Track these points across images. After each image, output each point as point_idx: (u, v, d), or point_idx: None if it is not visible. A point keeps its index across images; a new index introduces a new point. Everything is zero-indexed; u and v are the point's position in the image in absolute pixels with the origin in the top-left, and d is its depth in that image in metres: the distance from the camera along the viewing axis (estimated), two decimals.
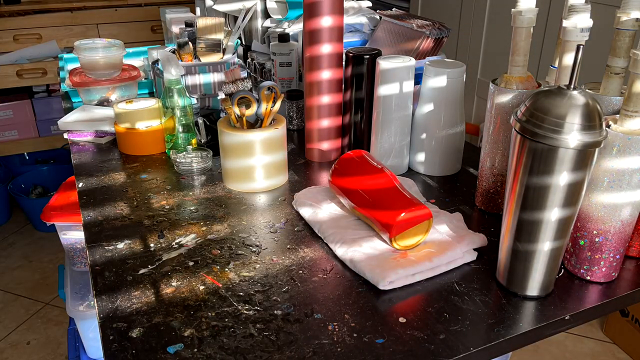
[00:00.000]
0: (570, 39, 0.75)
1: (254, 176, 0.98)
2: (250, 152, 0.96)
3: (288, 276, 0.76)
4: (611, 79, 0.75)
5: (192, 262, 0.79)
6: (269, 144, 0.97)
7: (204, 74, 1.28)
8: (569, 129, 0.61)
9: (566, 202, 0.65)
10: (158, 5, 2.70)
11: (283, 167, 1.02)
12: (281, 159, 1.00)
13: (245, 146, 0.96)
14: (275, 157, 0.98)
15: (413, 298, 0.72)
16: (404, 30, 1.21)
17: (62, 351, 1.91)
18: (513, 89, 0.83)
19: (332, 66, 1.04)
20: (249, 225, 0.89)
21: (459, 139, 1.05)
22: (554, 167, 0.63)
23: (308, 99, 1.08)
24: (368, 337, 0.65)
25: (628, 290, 0.75)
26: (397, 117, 1.01)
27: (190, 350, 0.64)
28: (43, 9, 2.61)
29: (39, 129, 2.73)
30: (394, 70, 0.97)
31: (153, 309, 0.70)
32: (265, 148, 0.96)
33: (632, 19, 0.71)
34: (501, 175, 0.89)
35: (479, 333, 0.66)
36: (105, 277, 0.76)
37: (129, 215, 0.92)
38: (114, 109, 1.14)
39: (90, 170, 1.08)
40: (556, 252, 0.69)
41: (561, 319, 0.70)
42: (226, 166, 1.00)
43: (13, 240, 2.54)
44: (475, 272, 0.78)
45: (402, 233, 0.77)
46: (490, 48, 2.25)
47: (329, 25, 1.00)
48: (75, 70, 1.38)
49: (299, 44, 1.30)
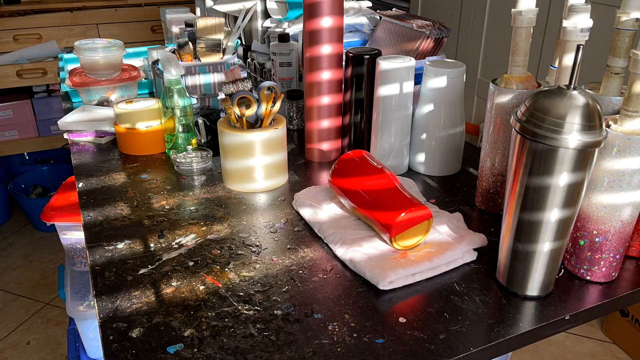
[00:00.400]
0: (570, 39, 0.75)
1: (254, 176, 0.98)
2: (250, 152, 0.96)
3: (288, 276, 0.76)
4: (611, 79, 0.75)
5: (192, 262, 0.79)
6: (269, 144, 0.97)
7: (204, 74, 1.29)
8: (569, 129, 0.61)
9: (566, 202, 0.65)
10: (158, 5, 2.70)
11: (283, 167, 1.02)
12: (281, 159, 1.00)
13: (245, 146, 0.96)
14: (275, 158, 0.98)
15: (413, 298, 0.72)
16: (404, 30, 1.21)
17: (62, 351, 1.91)
18: (513, 89, 0.83)
19: (332, 67, 1.04)
20: (249, 225, 0.89)
21: (459, 139, 1.05)
22: (554, 167, 0.63)
23: (308, 99, 1.08)
24: (368, 337, 0.65)
25: (628, 290, 0.75)
26: (397, 117, 1.01)
27: (190, 350, 0.64)
28: (43, 9, 2.61)
29: (39, 129, 2.73)
30: (393, 71, 0.97)
31: (153, 309, 0.70)
32: (265, 148, 0.96)
33: (632, 19, 0.71)
34: (501, 175, 0.89)
35: (479, 333, 0.66)
36: (105, 277, 0.76)
37: (129, 215, 0.92)
38: (114, 109, 1.14)
39: (90, 170, 1.08)
40: (556, 252, 0.69)
41: (561, 319, 0.70)
42: (226, 166, 1.00)
43: (13, 240, 2.54)
44: (475, 272, 0.78)
45: (402, 233, 0.77)
46: (490, 48, 2.25)
47: (329, 25, 1.00)
48: (75, 70, 1.38)
49: (299, 44, 1.30)
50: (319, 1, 0.98)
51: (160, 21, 2.10)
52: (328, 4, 0.98)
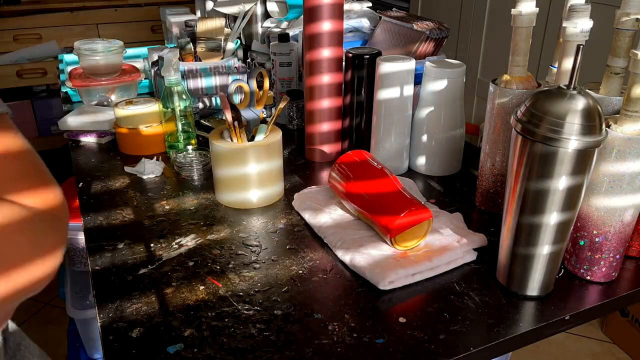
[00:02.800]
0: (570, 39, 0.75)
1: (247, 191, 0.92)
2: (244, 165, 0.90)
3: (288, 276, 0.76)
4: (611, 79, 0.75)
5: (192, 262, 0.79)
6: (265, 154, 0.91)
7: (204, 74, 1.29)
8: (569, 129, 0.61)
9: (566, 202, 0.65)
10: (158, 5, 2.70)
11: (279, 180, 0.96)
12: (277, 174, 0.95)
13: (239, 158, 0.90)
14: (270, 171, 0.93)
15: (413, 298, 0.72)
16: (404, 30, 1.21)
17: (62, 351, 1.91)
18: (513, 89, 0.83)
19: (332, 70, 1.04)
20: (249, 225, 0.89)
21: (459, 139, 1.05)
22: (554, 167, 0.63)
23: (308, 103, 1.08)
24: (368, 337, 0.65)
25: (628, 290, 0.75)
26: (397, 118, 1.01)
27: (190, 350, 0.64)
28: (43, 9, 2.61)
29: (39, 129, 2.73)
30: (394, 71, 0.97)
31: (153, 309, 0.70)
32: (261, 159, 0.91)
33: (632, 19, 0.71)
34: (501, 175, 0.89)
35: (479, 333, 0.66)
36: (105, 277, 0.76)
37: (129, 215, 0.92)
38: (114, 110, 1.14)
39: (90, 170, 1.08)
40: (556, 253, 0.69)
41: (561, 319, 0.70)
42: (218, 180, 0.94)
43: None
44: (475, 272, 0.78)
45: (402, 234, 0.77)
46: (490, 48, 2.25)
47: (329, 29, 1.00)
48: (75, 70, 1.38)
49: (299, 44, 1.30)
50: (319, 5, 0.98)
51: (160, 21, 2.10)
52: (328, 8, 0.98)
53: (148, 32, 2.77)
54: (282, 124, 1.27)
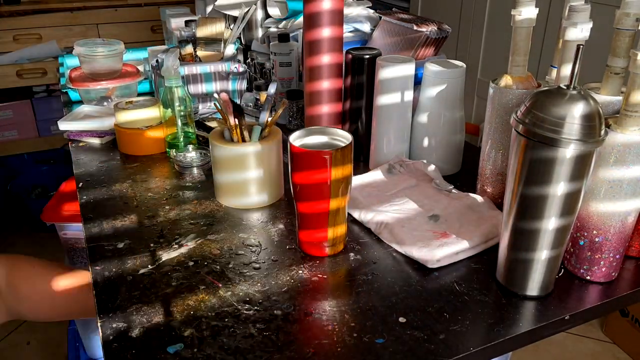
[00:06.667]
0: (570, 39, 0.75)
1: (247, 191, 0.93)
2: (244, 166, 0.90)
3: (288, 276, 0.76)
4: (611, 79, 0.75)
5: (192, 262, 0.79)
6: (266, 155, 0.91)
7: (204, 73, 1.29)
8: (569, 129, 0.61)
9: (567, 202, 0.65)
10: (158, 5, 2.70)
11: (278, 181, 0.96)
12: (276, 174, 0.95)
13: (239, 160, 0.91)
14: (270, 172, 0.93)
15: (413, 298, 0.72)
16: (404, 31, 1.21)
17: (62, 351, 1.91)
18: (513, 89, 0.83)
19: (332, 76, 1.03)
20: (249, 225, 0.89)
21: (459, 139, 1.05)
22: (554, 167, 0.63)
23: (308, 108, 1.08)
24: (368, 337, 0.65)
25: (628, 290, 0.75)
26: (397, 118, 1.01)
27: (190, 350, 0.64)
28: (43, 9, 2.61)
29: (39, 129, 2.73)
30: (393, 71, 0.97)
31: (153, 309, 0.70)
32: (261, 159, 0.91)
33: (632, 19, 0.71)
34: (501, 175, 0.89)
35: (479, 333, 0.66)
36: (105, 277, 0.76)
37: (129, 215, 0.92)
38: (114, 109, 1.14)
39: (90, 170, 1.08)
40: (556, 253, 0.69)
41: (561, 319, 0.70)
42: (218, 181, 0.95)
43: (13, 241, 2.54)
44: (475, 272, 0.78)
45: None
46: (490, 48, 2.25)
47: (329, 36, 1.00)
48: (75, 70, 1.38)
49: (299, 44, 1.30)
50: (319, 12, 0.98)
51: (160, 21, 2.10)
52: (328, 14, 0.98)
53: (148, 32, 2.76)
54: (282, 124, 1.27)
